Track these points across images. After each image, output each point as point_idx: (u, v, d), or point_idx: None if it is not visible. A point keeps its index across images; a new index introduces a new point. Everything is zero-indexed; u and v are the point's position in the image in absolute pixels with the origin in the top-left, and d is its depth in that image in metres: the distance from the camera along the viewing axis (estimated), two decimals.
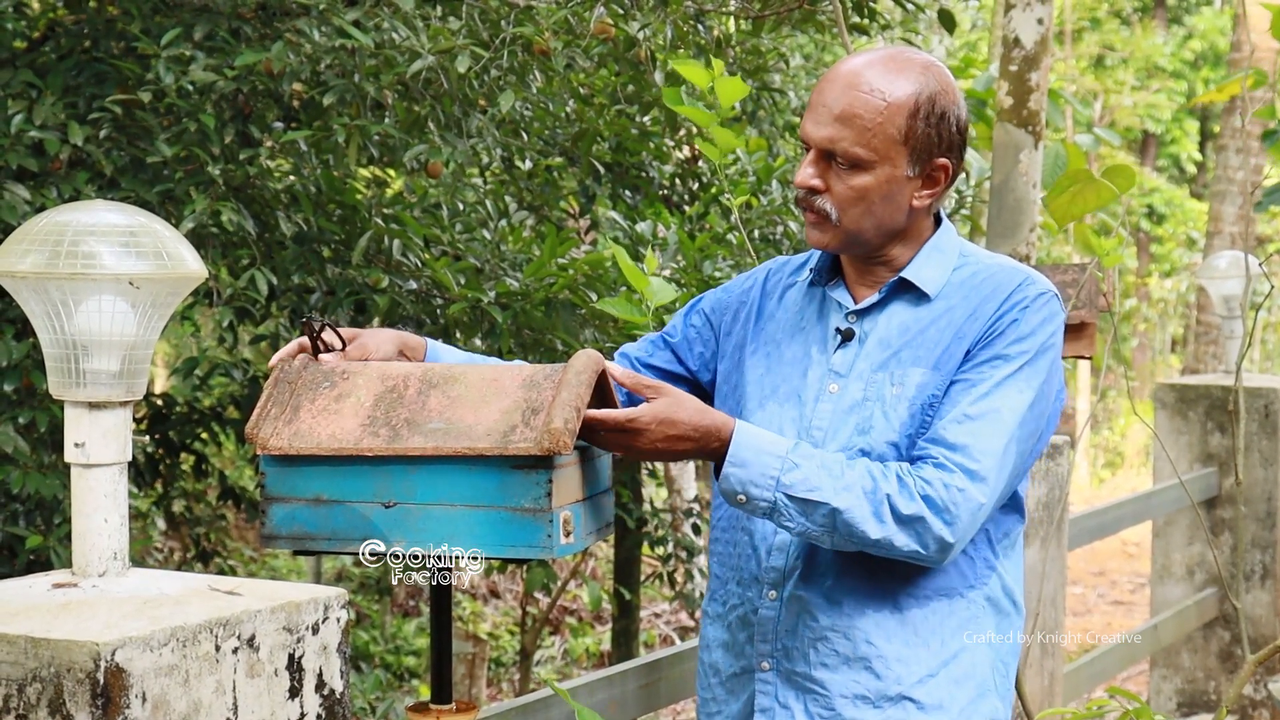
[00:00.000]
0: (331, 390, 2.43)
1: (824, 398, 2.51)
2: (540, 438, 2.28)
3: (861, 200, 2.46)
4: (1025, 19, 4.76)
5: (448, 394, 2.40)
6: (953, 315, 2.48)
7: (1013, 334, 2.44)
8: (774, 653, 2.52)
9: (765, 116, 6.99)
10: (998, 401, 2.40)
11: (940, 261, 2.53)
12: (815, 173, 2.46)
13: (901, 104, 2.44)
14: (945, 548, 2.36)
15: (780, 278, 2.70)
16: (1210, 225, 12.94)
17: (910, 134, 2.45)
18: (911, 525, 2.34)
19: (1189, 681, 6.96)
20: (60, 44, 4.96)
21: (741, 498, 2.37)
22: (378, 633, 9.46)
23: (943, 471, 2.35)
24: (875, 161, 2.44)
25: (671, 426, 2.35)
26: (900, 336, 2.49)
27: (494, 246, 5.22)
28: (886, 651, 2.45)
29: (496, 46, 4.82)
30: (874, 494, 2.34)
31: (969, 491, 2.35)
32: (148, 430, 5.44)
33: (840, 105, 2.44)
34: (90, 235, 2.09)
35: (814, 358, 2.55)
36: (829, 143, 2.44)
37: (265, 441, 2.35)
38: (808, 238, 2.51)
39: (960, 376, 2.43)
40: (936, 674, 2.47)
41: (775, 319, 2.64)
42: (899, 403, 2.44)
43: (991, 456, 2.37)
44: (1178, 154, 21.87)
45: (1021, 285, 2.48)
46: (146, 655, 1.96)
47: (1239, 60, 12.41)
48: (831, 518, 2.34)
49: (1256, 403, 6.76)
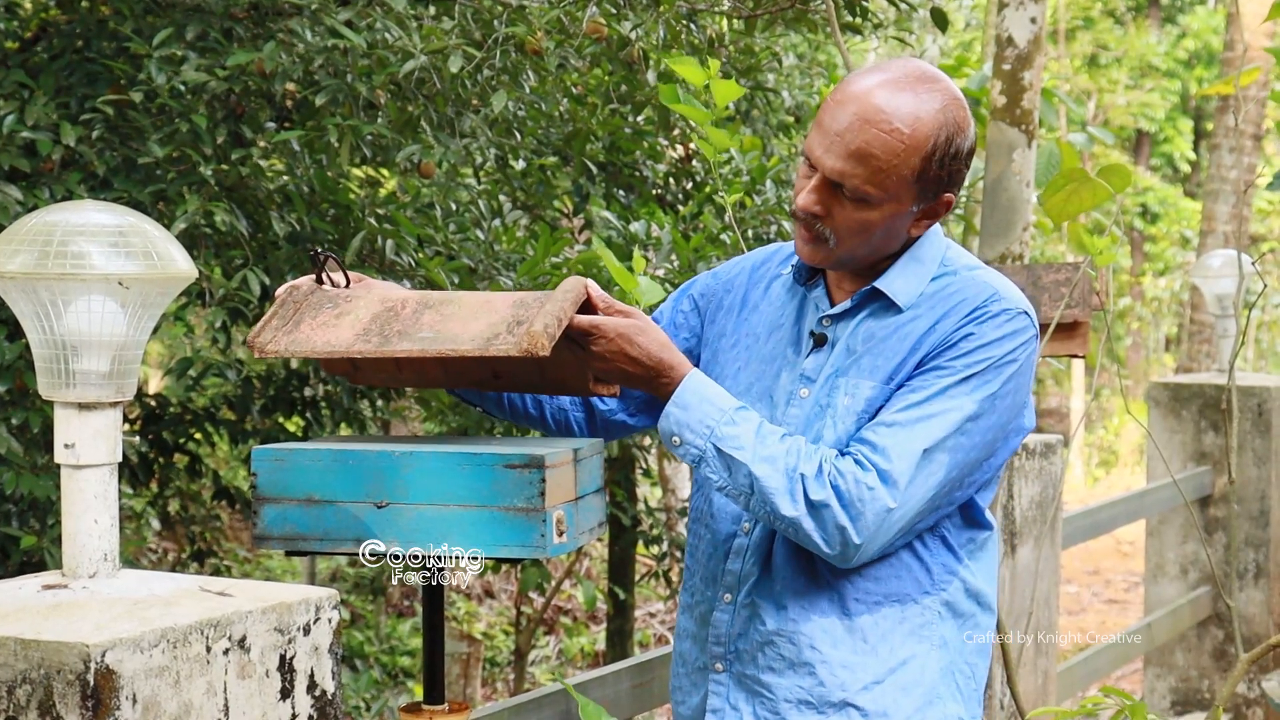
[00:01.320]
0: (334, 310, 2.50)
1: (794, 402, 2.50)
2: (520, 340, 2.31)
3: (863, 232, 2.42)
4: (1018, 18, 4.76)
5: (441, 312, 2.45)
6: (915, 327, 2.45)
7: (964, 347, 2.40)
8: (727, 655, 2.53)
9: (759, 116, 6.99)
10: (932, 409, 2.37)
11: (916, 272, 2.49)
12: (818, 199, 2.41)
13: (919, 146, 2.38)
14: (848, 544, 2.34)
15: (769, 268, 2.67)
16: (1204, 224, 12.95)
17: (923, 174, 2.40)
18: (819, 511, 2.33)
19: (1183, 680, 6.97)
20: (52, 44, 4.95)
21: (676, 439, 2.38)
22: (372, 633, 9.46)
23: (858, 468, 2.34)
24: (883, 200, 2.40)
25: (630, 345, 2.38)
26: (864, 345, 2.47)
27: (488, 246, 5.21)
28: (831, 657, 2.45)
29: (489, 46, 4.81)
30: (792, 472, 2.34)
31: (878, 491, 2.33)
32: (141, 430, 5.44)
33: (856, 141, 2.36)
34: (79, 235, 2.08)
35: (788, 358, 2.54)
36: (839, 176, 2.38)
37: (263, 346, 2.41)
38: (799, 251, 2.49)
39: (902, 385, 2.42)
40: (883, 680, 2.45)
41: (759, 310, 2.62)
42: (848, 415, 2.43)
43: (907, 460, 2.35)
44: (1171, 153, 21.88)
45: (987, 301, 2.44)
46: (137, 656, 1.95)
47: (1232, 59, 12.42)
48: (750, 483, 2.34)
49: (1250, 401, 6.77)
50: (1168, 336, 21.84)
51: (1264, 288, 4.09)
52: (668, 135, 6.30)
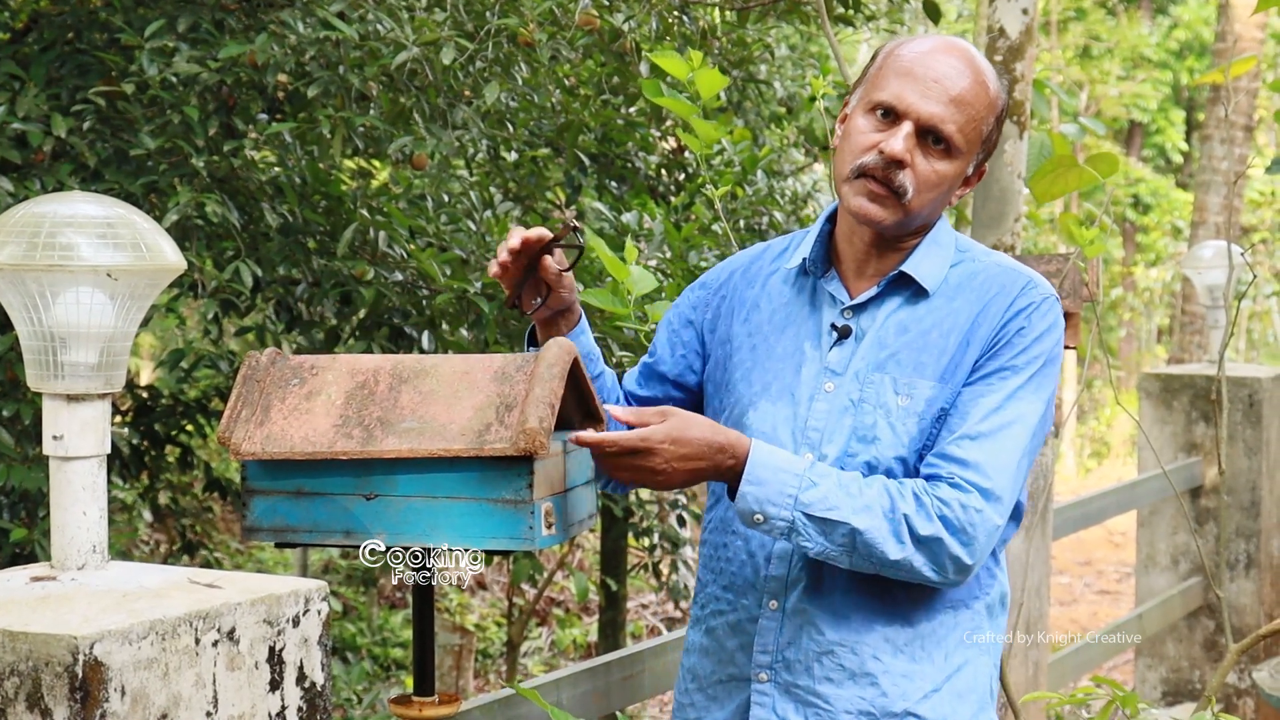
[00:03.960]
0: (301, 387, 2.41)
1: (819, 396, 2.42)
2: (516, 438, 2.27)
3: (937, 187, 2.37)
4: (1010, 9, 4.76)
5: (419, 389, 2.38)
6: (956, 319, 2.39)
7: (1020, 343, 2.36)
8: (773, 664, 2.42)
9: (751, 107, 6.99)
10: (1010, 415, 2.33)
11: (939, 255, 2.44)
12: (908, 147, 2.33)
13: (993, 104, 2.38)
14: (963, 569, 2.30)
15: (761, 265, 2.59)
16: (1195, 215, 12.96)
17: (988, 136, 2.40)
18: (929, 546, 2.27)
19: (1174, 671, 6.98)
20: (43, 35, 4.94)
21: (759, 517, 2.28)
22: (364, 624, 9.46)
23: (959, 491, 2.28)
24: (963, 153, 2.37)
25: (684, 445, 2.26)
26: (898, 337, 2.40)
27: (479, 238, 5.21)
28: (893, 667, 2.38)
29: (481, 38, 4.81)
30: (892, 514, 2.27)
31: (986, 512, 2.28)
32: (133, 422, 5.43)
33: (957, 88, 2.34)
34: (68, 227, 2.08)
35: (807, 354, 2.45)
36: (938, 121, 2.33)
37: (238, 446, 2.35)
38: (860, 210, 2.37)
39: (969, 388, 2.36)
40: (940, 688, 2.40)
41: (760, 309, 2.54)
42: (908, 416, 2.36)
43: (1005, 474, 2.31)
44: (1163, 144, 21.90)
45: (1026, 289, 2.40)
46: (125, 648, 1.95)
47: (1223, 50, 12.43)
48: (851, 538, 2.26)
49: (1240, 392, 6.78)
50: (1160, 327, 21.87)
51: (1254, 278, 4.10)
52: (660, 127, 6.30)
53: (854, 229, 2.44)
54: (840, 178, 2.40)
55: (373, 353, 4.75)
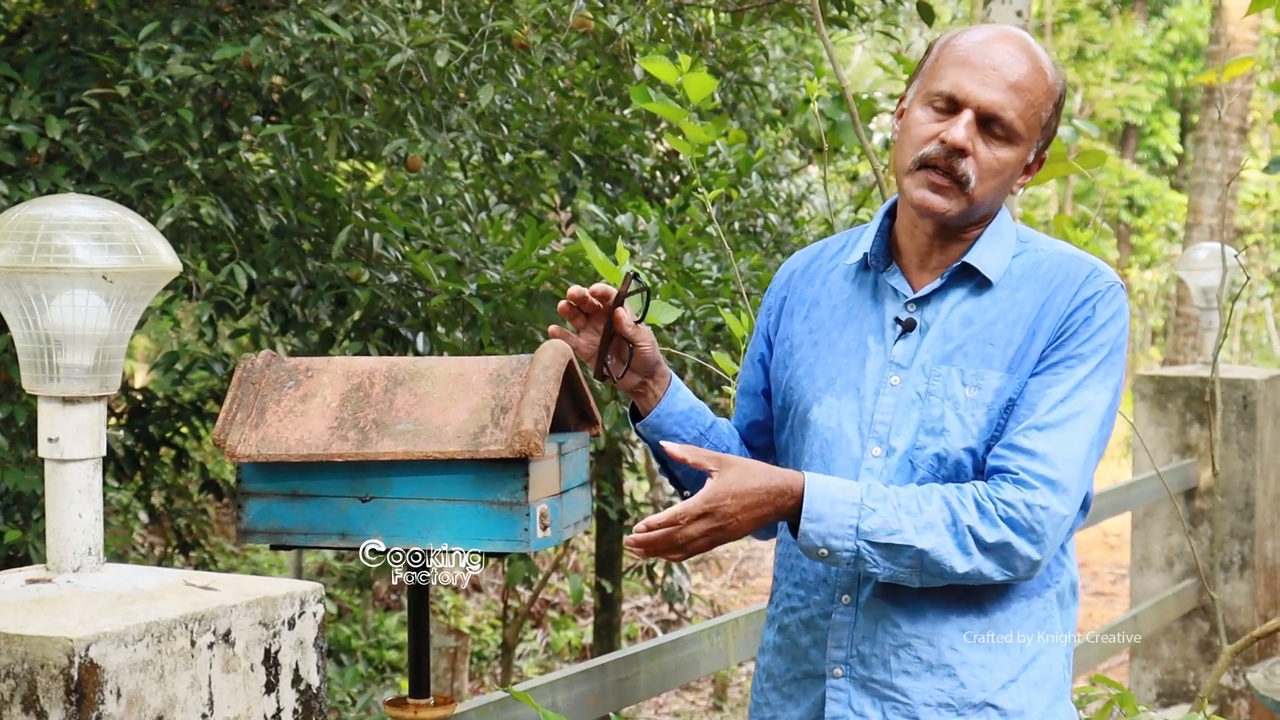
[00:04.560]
0: (296, 390, 2.42)
1: (885, 390, 2.39)
2: (511, 440, 2.27)
3: (999, 175, 2.36)
4: (1004, 11, 4.77)
5: (414, 391, 2.39)
6: (1021, 309, 2.38)
7: (1086, 332, 2.35)
8: (848, 659, 2.41)
9: (745, 109, 7.00)
10: (1078, 404, 2.31)
11: (1000, 246, 2.42)
12: (969, 135, 2.32)
13: (1052, 91, 2.38)
14: (1034, 566, 2.29)
15: (820, 263, 2.57)
16: (1189, 217, 12.98)
17: (1048, 123, 2.39)
18: (998, 552, 2.26)
19: (1168, 672, 6.99)
20: (37, 37, 4.94)
21: (823, 551, 2.27)
22: (359, 627, 9.45)
23: (1023, 489, 2.27)
24: (1024, 140, 2.36)
25: (745, 495, 2.25)
26: (963, 328, 2.39)
27: (474, 240, 5.22)
28: (970, 658, 2.37)
29: (476, 40, 4.81)
30: (955, 526, 2.26)
31: (1053, 507, 2.27)
32: (128, 424, 5.43)
33: (1015, 74, 2.34)
34: (63, 229, 2.08)
35: (871, 348, 2.43)
36: (998, 109, 2.33)
37: (233, 449, 2.35)
38: (923, 201, 2.36)
39: (1036, 378, 2.34)
40: (1017, 679, 2.39)
41: (821, 306, 2.51)
42: (976, 408, 2.34)
43: (1073, 464, 2.29)
44: (1158, 145, 21.93)
45: (1091, 277, 2.38)
46: (121, 651, 1.95)
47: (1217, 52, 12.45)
48: (918, 559, 2.26)
49: (1234, 394, 6.79)
50: (1154, 329, 21.89)
51: (1248, 280, 4.10)
52: (654, 129, 6.31)
53: (915, 221, 2.43)
54: (901, 170, 2.39)
55: (368, 355, 4.75)
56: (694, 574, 11.04)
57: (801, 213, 6.89)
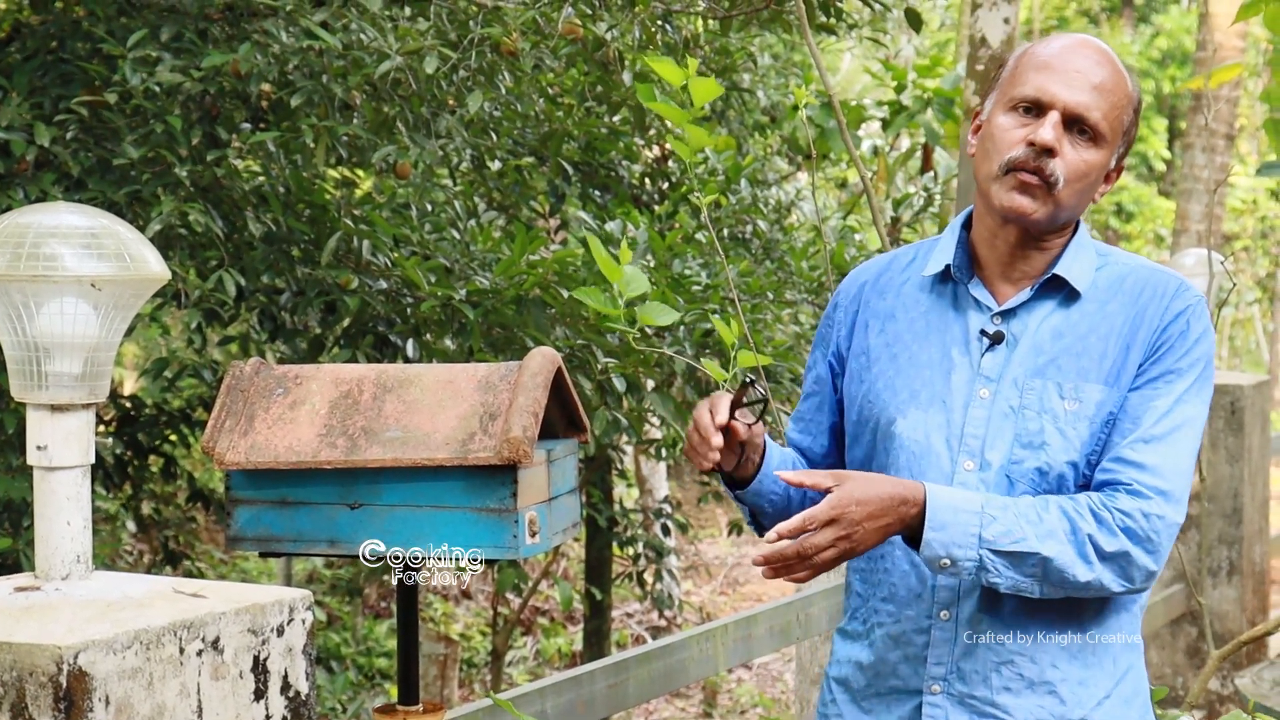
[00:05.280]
0: (285, 397, 2.42)
1: (975, 403, 2.38)
2: (500, 446, 2.27)
3: (1085, 177, 2.36)
4: (992, 18, 4.78)
5: (403, 398, 2.39)
6: (1112, 322, 2.38)
7: (1183, 346, 2.35)
8: (947, 676, 2.38)
9: (734, 116, 7.01)
10: (1180, 418, 2.32)
11: (1086, 258, 2.42)
12: (1057, 135, 2.32)
13: (1132, 96, 2.39)
14: (1150, 576, 2.30)
15: (891, 275, 2.54)
16: (1177, 223, 13.00)
17: (1129, 128, 2.40)
18: (1116, 561, 2.26)
19: (1157, 678, 6.99)
20: (26, 44, 4.94)
21: (946, 561, 2.26)
22: (349, 634, 9.45)
23: (1138, 499, 2.27)
24: (1108, 142, 2.36)
25: (869, 504, 2.23)
26: (1054, 342, 2.38)
27: (463, 246, 5.22)
28: (1069, 675, 2.36)
29: (465, 47, 4.81)
30: (1075, 535, 2.26)
31: (1168, 516, 2.28)
32: (116, 432, 5.43)
33: (1098, 76, 2.35)
34: (52, 237, 2.08)
35: (955, 360, 2.41)
36: (1084, 109, 2.33)
37: (222, 456, 2.35)
38: (1011, 204, 2.34)
39: (1137, 392, 2.34)
40: (1111, 695, 2.39)
41: (897, 319, 2.49)
42: (1078, 421, 2.34)
43: (1181, 476, 2.31)
44: (1146, 151, 21.97)
45: (1180, 292, 2.39)
46: (110, 658, 1.95)
47: (1204, 59, 12.48)
48: (1042, 566, 2.25)
49: (1223, 400, 6.80)
50: None
51: (1235, 286, 4.12)
52: (643, 135, 6.31)
53: (996, 231, 2.42)
54: (988, 177, 2.38)
55: (357, 361, 4.75)
56: (684, 581, 11.04)
57: (790, 219, 6.90)
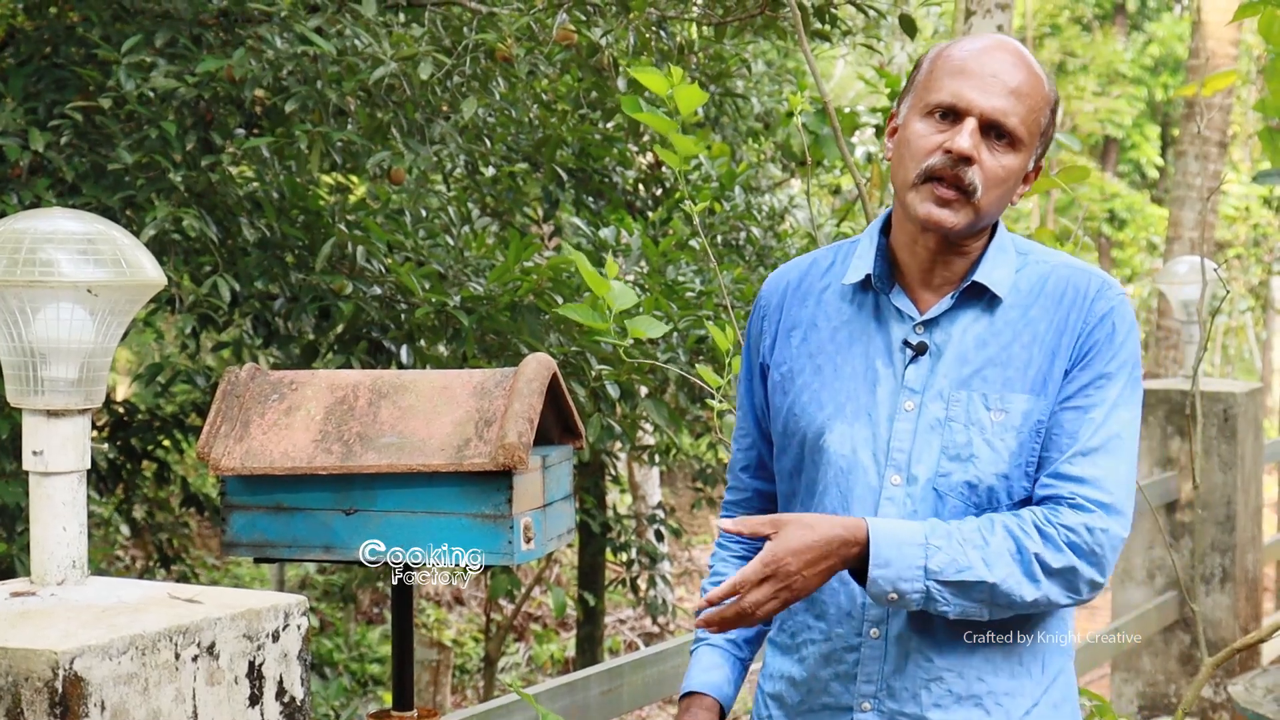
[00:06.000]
0: (281, 403, 2.42)
1: (900, 416, 2.34)
2: (495, 452, 2.27)
3: (1004, 182, 2.33)
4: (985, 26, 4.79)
5: (398, 404, 2.39)
6: (1035, 328, 2.35)
7: (1109, 349, 2.33)
8: (877, 693, 2.36)
9: (729, 122, 7.02)
10: (1116, 425, 2.30)
11: (1004, 261, 2.39)
12: (975, 143, 2.29)
13: (1048, 98, 2.37)
14: (1096, 588, 2.28)
15: (811, 281, 2.50)
16: (1170, 230, 13.02)
17: (1045, 130, 2.38)
18: (1063, 576, 2.25)
19: (1150, 685, 7.00)
20: (20, 50, 4.94)
21: (893, 595, 2.24)
22: (342, 640, 9.44)
23: (1081, 514, 2.25)
24: (1026, 145, 2.33)
25: (807, 552, 2.22)
26: (979, 351, 2.35)
27: (457, 253, 5.22)
28: (996, 686, 2.35)
29: (459, 53, 4.82)
30: (1021, 554, 2.24)
31: (1111, 529, 2.27)
32: (110, 437, 5.42)
33: (1015, 80, 2.32)
34: (48, 243, 2.08)
35: (880, 372, 2.38)
36: (1001, 115, 2.30)
37: (217, 461, 2.35)
38: (929, 216, 2.31)
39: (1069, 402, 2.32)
40: (1039, 702, 2.38)
41: (819, 328, 2.45)
42: (1005, 432, 2.31)
43: (1123, 486, 2.30)
44: (1139, 159, 22.01)
45: (1102, 291, 2.37)
46: (105, 663, 1.95)
47: (1197, 66, 12.50)
48: (989, 592, 2.24)
49: (1215, 407, 6.81)
50: None
51: (1228, 294, 4.12)
52: (637, 142, 6.32)
53: (916, 237, 2.38)
54: (904, 185, 2.35)
55: (351, 367, 4.75)
56: (677, 586, 11.04)
57: (784, 226, 6.91)
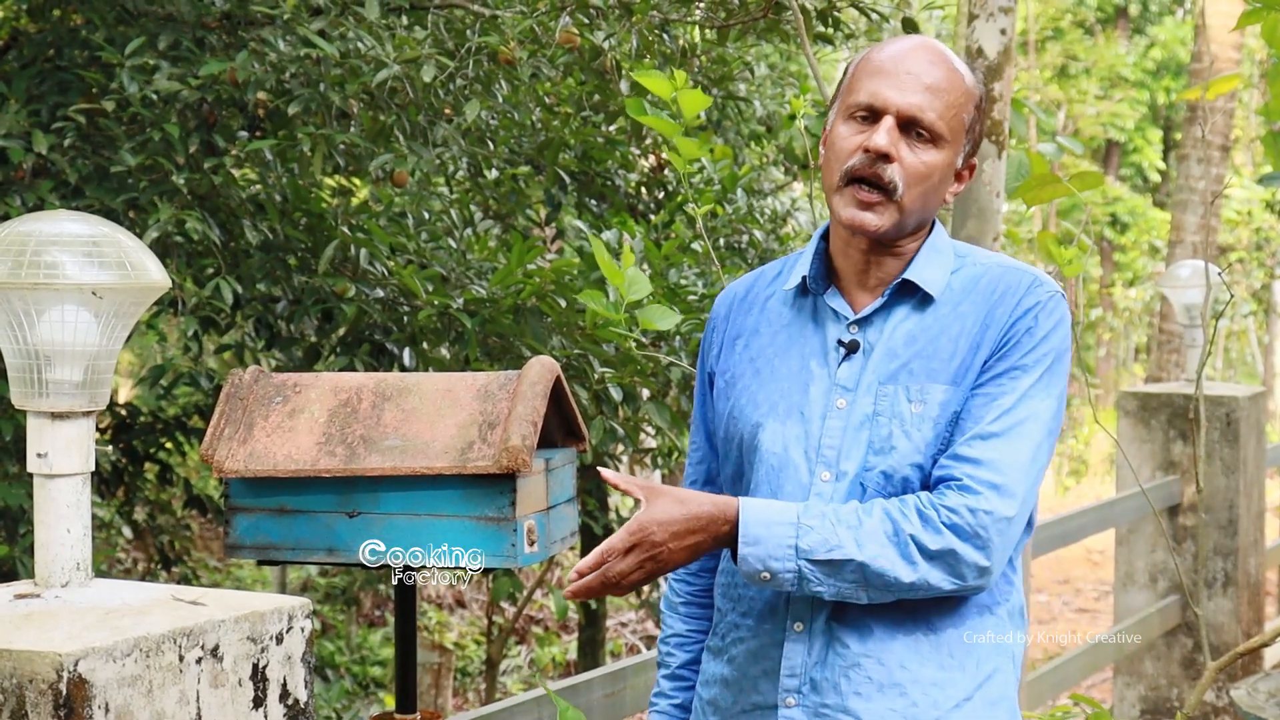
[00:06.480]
0: (284, 405, 2.42)
1: (832, 414, 2.36)
2: (499, 455, 2.27)
3: (926, 179, 2.34)
4: (988, 29, 4.78)
5: (402, 407, 2.39)
6: (964, 322, 2.36)
7: (1029, 342, 2.34)
8: (800, 688, 2.36)
9: (731, 126, 7.01)
10: (1023, 413, 2.30)
11: (939, 261, 2.41)
12: (891, 140, 2.31)
13: (972, 94, 2.38)
14: (984, 572, 2.26)
15: (757, 291, 2.54)
16: (1172, 234, 13.01)
17: (971, 126, 2.39)
18: (943, 559, 2.24)
19: (1152, 689, 7.00)
20: (23, 52, 4.94)
21: (765, 575, 2.25)
22: (343, 642, 9.44)
23: (966, 495, 2.25)
24: (948, 141, 2.35)
25: (675, 524, 2.23)
26: (907, 347, 2.37)
27: (460, 255, 5.22)
28: (921, 676, 2.33)
29: (462, 56, 4.82)
30: (897, 536, 2.23)
31: (997, 511, 2.24)
32: (112, 439, 5.43)
33: (929, 77, 2.34)
34: (53, 245, 2.09)
35: (814, 371, 2.40)
36: (916, 110, 2.32)
37: (221, 464, 2.35)
38: (853, 220, 2.33)
39: (980, 389, 2.32)
40: (972, 697, 2.35)
41: (760, 334, 2.49)
42: (922, 422, 2.32)
43: (1019, 470, 2.28)
44: (1141, 163, 22.01)
45: (1032, 288, 2.37)
46: (109, 666, 1.95)
47: (1200, 70, 12.50)
48: (860, 572, 2.23)
49: (1218, 411, 6.81)
50: (1138, 346, 21.94)
51: (1231, 298, 4.12)
52: (640, 145, 6.32)
53: (848, 240, 2.41)
54: (830, 189, 2.38)
55: (354, 370, 4.75)
56: None
57: (786, 229, 6.90)
